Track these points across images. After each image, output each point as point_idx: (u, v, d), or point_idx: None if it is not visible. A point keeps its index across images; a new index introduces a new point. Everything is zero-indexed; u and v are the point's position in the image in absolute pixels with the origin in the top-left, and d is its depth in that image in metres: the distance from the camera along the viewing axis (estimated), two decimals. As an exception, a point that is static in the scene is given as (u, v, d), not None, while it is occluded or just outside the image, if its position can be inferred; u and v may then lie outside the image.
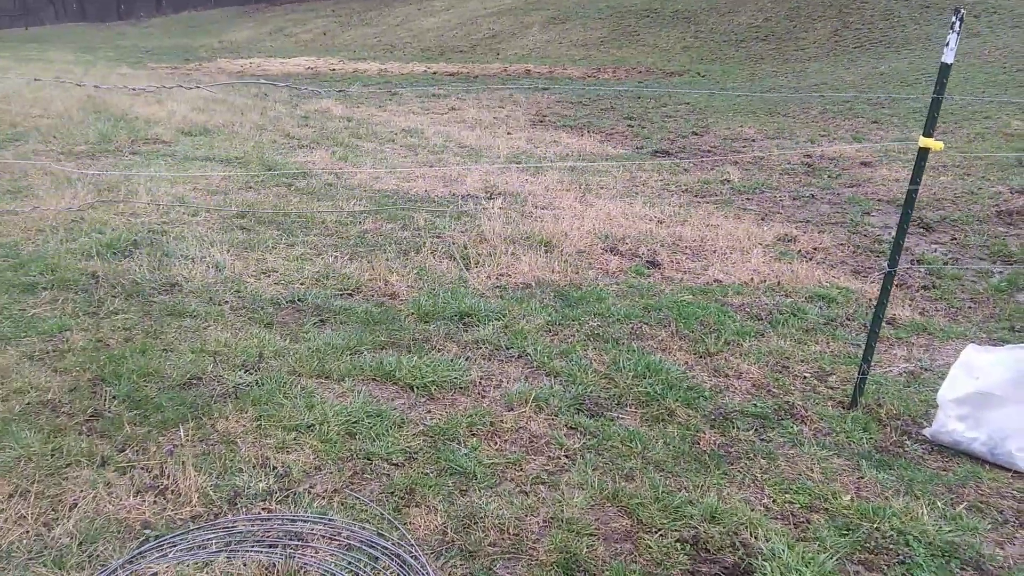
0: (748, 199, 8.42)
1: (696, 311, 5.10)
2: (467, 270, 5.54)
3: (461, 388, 3.97)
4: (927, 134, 3.63)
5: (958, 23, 3.41)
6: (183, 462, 3.20)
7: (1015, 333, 5.22)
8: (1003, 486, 3.49)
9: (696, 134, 12.30)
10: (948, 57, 3.51)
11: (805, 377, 4.35)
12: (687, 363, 4.40)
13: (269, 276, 5.37)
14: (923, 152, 3.67)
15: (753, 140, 11.75)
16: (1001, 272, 6.29)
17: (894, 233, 3.88)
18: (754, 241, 6.75)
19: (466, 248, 6.05)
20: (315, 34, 35.57)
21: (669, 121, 13.40)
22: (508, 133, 12.07)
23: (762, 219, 7.57)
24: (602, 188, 8.49)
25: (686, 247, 6.55)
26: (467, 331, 4.63)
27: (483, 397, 3.91)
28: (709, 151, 11.01)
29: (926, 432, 3.83)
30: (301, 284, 5.25)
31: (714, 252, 6.45)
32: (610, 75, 20.71)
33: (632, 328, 4.81)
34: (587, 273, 5.75)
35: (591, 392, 3.98)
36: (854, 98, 14.37)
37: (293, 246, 6.01)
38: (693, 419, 3.80)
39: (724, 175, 9.40)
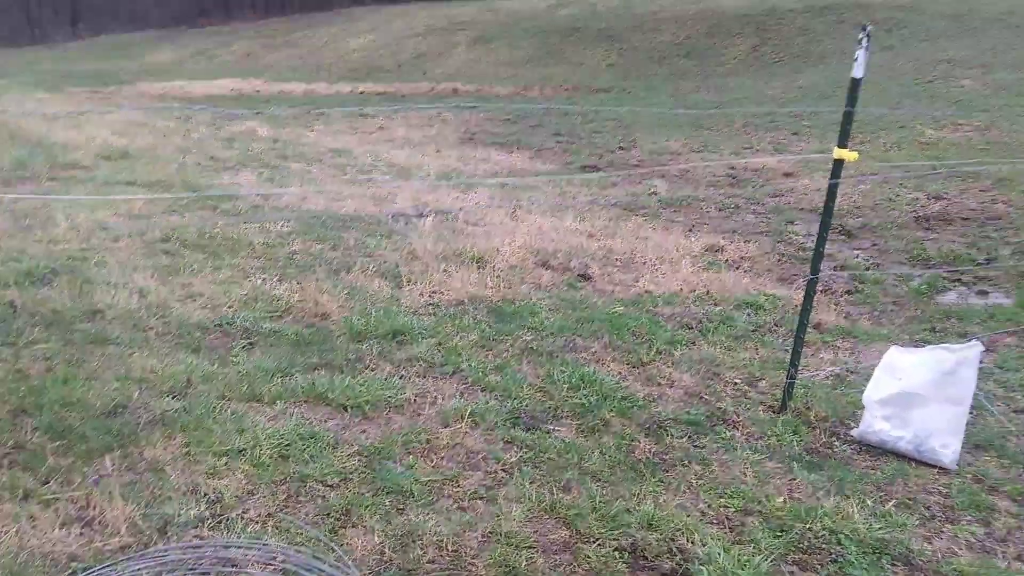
0: (676, 211, 8.56)
1: (628, 322, 5.15)
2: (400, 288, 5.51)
3: (396, 406, 3.94)
4: (841, 145, 3.74)
5: (866, 39, 3.55)
6: (110, 492, 3.10)
7: (936, 334, 5.39)
8: (929, 482, 3.59)
9: (623, 148, 12.46)
10: (858, 72, 3.64)
11: (736, 383, 4.42)
12: (621, 373, 4.44)
13: (196, 300, 5.25)
14: (839, 163, 3.78)
15: (679, 153, 11.95)
16: (920, 275, 6.50)
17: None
18: (683, 252, 6.85)
19: (398, 266, 6.01)
20: (239, 56, 35.15)
21: (597, 136, 13.56)
22: (438, 151, 12.07)
23: (690, 230, 7.70)
24: (533, 204, 8.53)
25: (617, 259, 6.62)
26: (401, 349, 4.60)
27: (418, 415, 3.88)
28: (637, 165, 11.17)
29: (854, 433, 3.92)
30: (229, 307, 5.15)
31: (644, 263, 6.53)
32: (537, 92, 20.90)
33: (566, 341, 4.83)
34: (520, 288, 5.77)
35: (527, 406, 3.99)
36: (775, 111, 14.74)
37: (220, 269, 5.89)
38: (628, 428, 3.83)
39: (652, 188, 9.54)
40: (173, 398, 3.90)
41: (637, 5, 29.87)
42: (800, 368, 4.22)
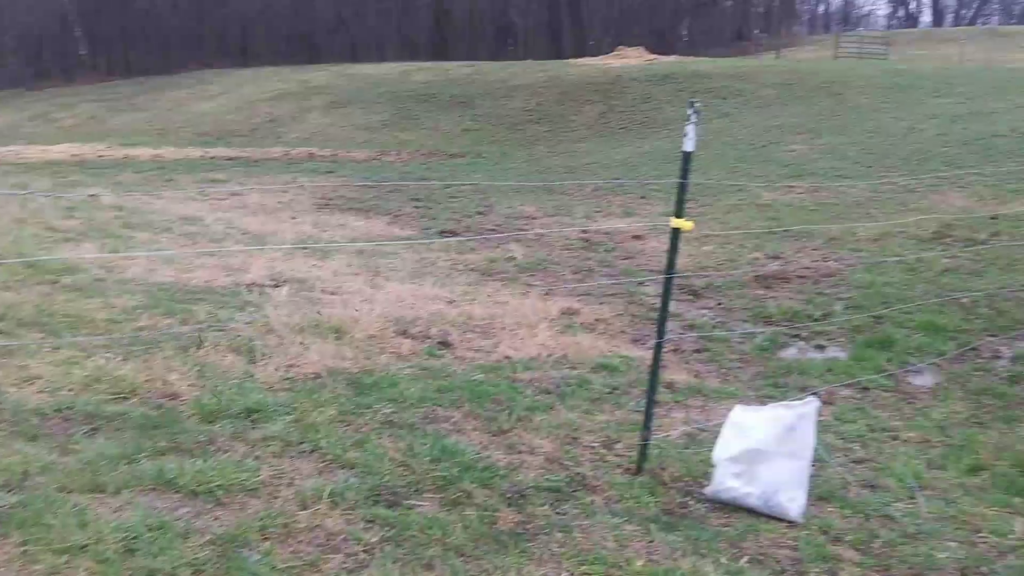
0: (532, 275, 8.73)
1: (488, 389, 5.19)
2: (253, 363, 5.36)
3: (251, 490, 3.80)
4: (678, 215, 3.94)
5: (693, 115, 3.78)
6: (-69, 604, 2.85)
7: (779, 389, 5.68)
8: (779, 536, 3.75)
9: (480, 213, 12.66)
10: (688, 146, 3.87)
11: (594, 447, 4.51)
12: (482, 443, 4.45)
13: (32, 384, 4.93)
14: (676, 231, 3.99)
15: (534, 218, 12.24)
16: (763, 332, 6.85)
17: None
18: (540, 316, 6.98)
19: (252, 340, 5.85)
20: (82, 119, 33.76)
21: (454, 201, 13.72)
22: (293, 218, 11.91)
23: (547, 294, 7.86)
24: (391, 270, 8.52)
25: (476, 326, 6.68)
26: (255, 428, 4.45)
27: (275, 497, 3.76)
28: (493, 229, 11.36)
29: (707, 491, 4.06)
30: (70, 390, 4.86)
31: (503, 329, 6.61)
32: (394, 157, 21.02)
33: (426, 412, 4.81)
34: (379, 358, 5.72)
35: (388, 481, 3.93)
36: (623, 176, 15.34)
37: (59, 349, 5.57)
38: (490, 499, 3.83)
39: (509, 253, 9.70)
40: (8, 492, 3.63)
41: (489, 72, 30.70)
42: (654, 429, 4.36)
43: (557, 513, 3.78)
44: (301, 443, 4.29)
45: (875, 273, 8.16)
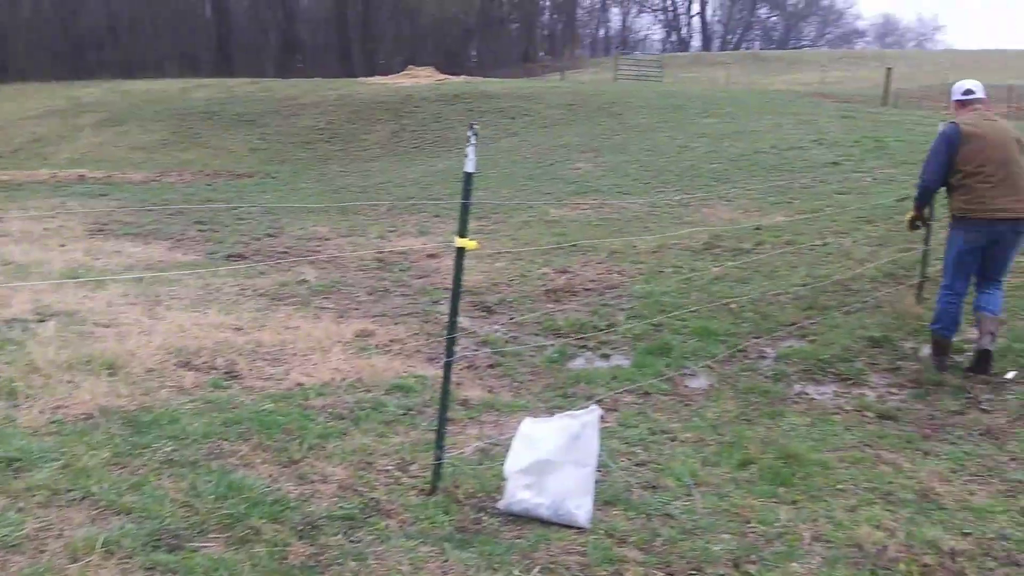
0: (326, 298, 8.56)
1: (278, 419, 5.03)
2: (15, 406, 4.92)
3: (13, 546, 3.48)
4: (461, 235, 4.02)
5: (473, 137, 3.87)
6: None
7: (567, 399, 5.87)
8: (569, 543, 3.86)
9: (271, 235, 12.28)
10: (469, 167, 3.95)
11: (388, 470, 4.47)
12: (271, 475, 4.30)
13: None
14: (460, 250, 4.06)
15: (327, 239, 12.02)
16: (552, 345, 7.06)
17: (461, 322, 4.21)
18: (334, 339, 6.86)
19: (13, 381, 5.38)
20: None
21: (242, 224, 13.23)
22: (62, 245, 11.06)
23: (340, 317, 7.73)
24: (173, 299, 8.10)
25: (266, 353, 6.47)
26: (17, 477, 4.08)
27: (41, 552, 3.46)
28: (285, 252, 11.05)
29: (499, 505, 4.13)
30: None
31: (295, 355, 6.45)
32: (176, 178, 20.05)
33: (211, 447, 4.59)
34: (159, 394, 5.41)
35: (169, 525, 3.72)
36: (417, 194, 15.40)
37: None
38: (281, 534, 3.71)
39: (301, 276, 9.47)
40: None
41: (276, 89, 30.01)
42: (448, 447, 4.38)
43: (351, 541, 3.71)
44: (71, 491, 3.98)
45: (653, 284, 8.62)
